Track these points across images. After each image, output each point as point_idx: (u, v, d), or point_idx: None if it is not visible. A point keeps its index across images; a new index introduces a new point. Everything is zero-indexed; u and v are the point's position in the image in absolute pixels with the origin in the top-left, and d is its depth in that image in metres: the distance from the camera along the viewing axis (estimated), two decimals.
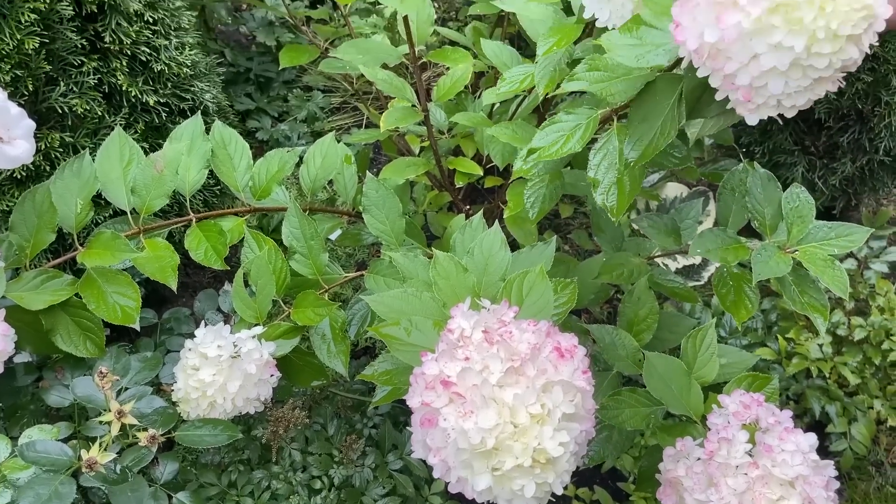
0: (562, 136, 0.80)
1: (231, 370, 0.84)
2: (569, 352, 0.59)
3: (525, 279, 0.73)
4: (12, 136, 0.77)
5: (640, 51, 0.67)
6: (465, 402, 0.56)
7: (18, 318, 0.81)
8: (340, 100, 2.01)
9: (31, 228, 0.85)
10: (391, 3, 0.93)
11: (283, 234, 0.97)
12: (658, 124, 0.71)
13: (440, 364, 0.59)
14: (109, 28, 1.02)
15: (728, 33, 0.54)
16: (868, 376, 1.24)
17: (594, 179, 0.79)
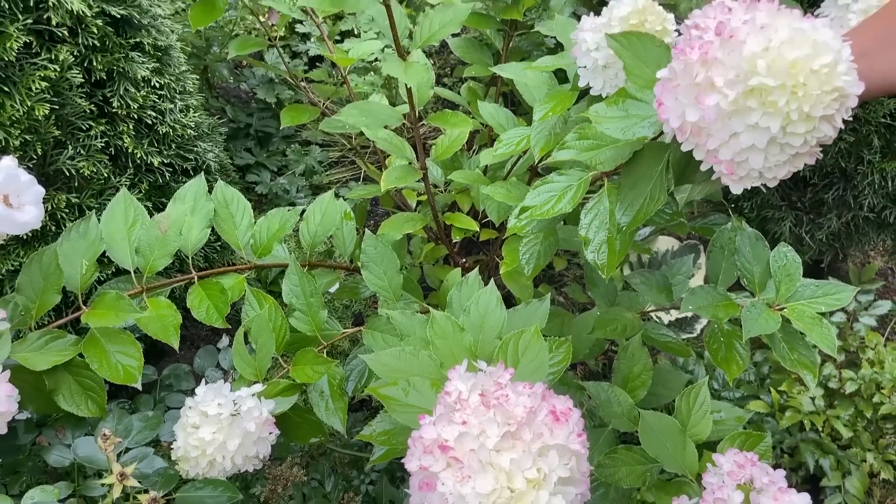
0: (553, 195, 0.83)
1: (231, 428, 0.85)
2: (564, 415, 0.61)
3: (521, 339, 0.75)
4: (22, 202, 0.79)
5: (626, 123, 0.70)
6: (462, 467, 0.57)
7: (22, 379, 0.82)
8: (338, 154, 2.05)
9: (37, 290, 0.87)
10: (397, 75, 0.97)
11: (284, 291, 1.00)
12: (647, 191, 0.74)
13: (438, 428, 0.60)
14: (118, 94, 1.05)
15: (708, 113, 0.57)
16: (860, 429, 1.25)
17: (585, 238, 0.81)
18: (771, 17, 0.57)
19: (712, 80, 0.57)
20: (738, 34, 0.56)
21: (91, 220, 0.91)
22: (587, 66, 0.86)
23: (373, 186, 1.49)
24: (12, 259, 1.05)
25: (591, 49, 0.84)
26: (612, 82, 0.85)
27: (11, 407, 0.79)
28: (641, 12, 0.84)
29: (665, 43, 0.71)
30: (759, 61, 0.55)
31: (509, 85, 1.63)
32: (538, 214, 0.82)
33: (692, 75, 0.58)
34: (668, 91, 0.60)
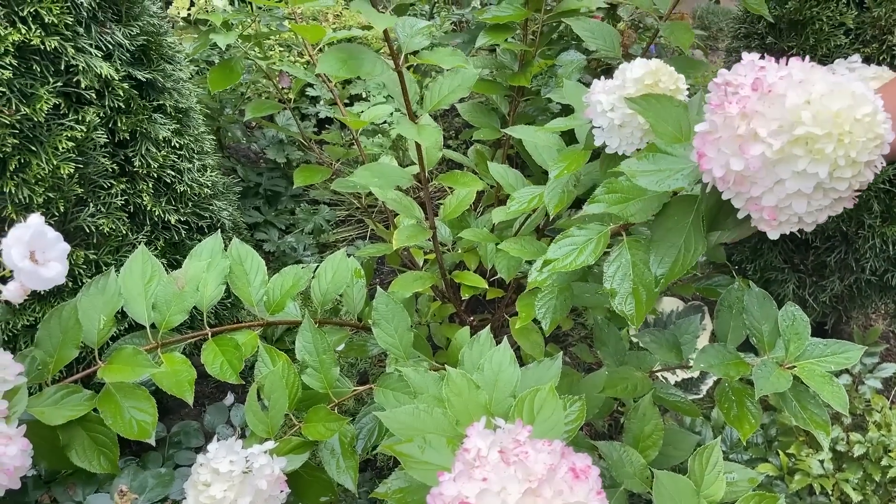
0: (575, 248, 0.85)
1: (242, 486, 0.84)
2: (584, 472, 0.61)
3: (536, 397, 0.76)
4: (47, 258, 0.81)
5: (658, 176, 0.73)
6: None
7: (35, 433, 0.82)
8: (345, 213, 2.08)
9: (55, 344, 0.88)
10: (410, 136, 1.01)
11: (297, 348, 1.00)
12: (681, 242, 0.77)
13: (458, 485, 0.61)
14: (139, 153, 1.08)
15: (752, 163, 0.61)
16: (869, 493, 1.24)
17: (611, 290, 0.84)
18: (805, 72, 0.61)
19: (755, 131, 0.60)
20: (777, 88, 0.60)
21: (110, 275, 0.93)
22: (603, 127, 0.89)
23: (382, 245, 1.51)
24: (28, 314, 1.06)
25: (607, 110, 0.87)
26: (628, 140, 0.88)
27: (26, 462, 0.79)
28: (655, 73, 0.87)
29: (682, 102, 0.75)
30: (804, 112, 0.58)
31: (515, 148, 1.68)
32: (561, 267, 0.84)
33: (734, 128, 0.61)
34: (709, 143, 0.64)
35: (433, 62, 1.02)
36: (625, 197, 0.80)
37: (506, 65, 1.48)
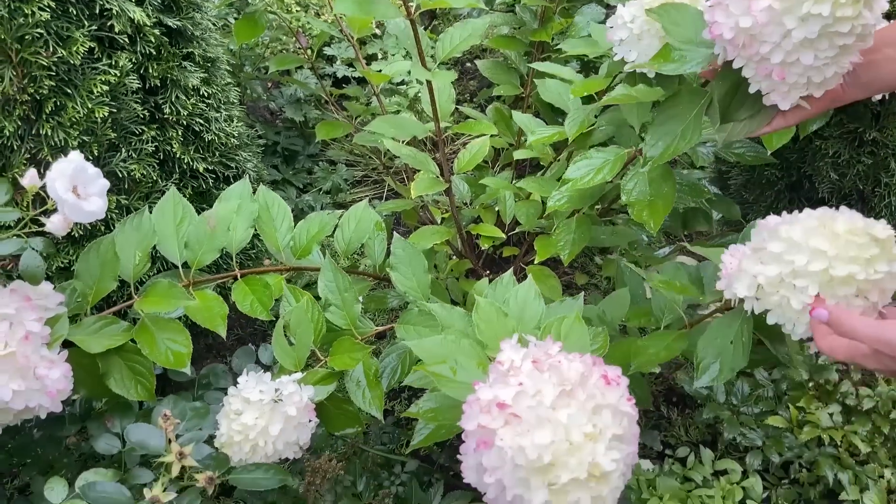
0: (592, 169, 0.89)
1: (273, 413, 0.87)
2: (615, 380, 0.63)
3: (562, 324, 0.78)
4: (88, 193, 0.83)
5: (675, 66, 0.76)
6: (521, 423, 0.59)
7: (75, 361, 0.85)
8: (362, 173, 2.11)
9: (94, 277, 0.91)
10: (422, 77, 1.02)
11: (319, 287, 1.03)
12: (678, 130, 0.80)
13: (494, 390, 0.63)
14: (169, 100, 1.11)
15: (760, 16, 0.63)
16: (878, 445, 1.27)
17: (630, 202, 0.88)
18: None
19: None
20: None
21: (144, 214, 0.96)
22: (623, 38, 0.91)
23: (400, 201, 1.54)
24: (62, 256, 1.09)
25: (628, 21, 0.89)
26: (647, 52, 0.89)
27: (68, 386, 0.82)
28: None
29: (698, 9, 0.77)
30: None
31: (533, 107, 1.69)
32: (580, 185, 0.87)
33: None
34: (719, 8, 0.67)
35: (445, 5, 1.03)
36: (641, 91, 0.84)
37: (525, 22, 1.49)
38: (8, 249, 0.86)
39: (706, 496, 1.24)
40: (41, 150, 1.01)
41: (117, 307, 0.94)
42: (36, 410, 0.80)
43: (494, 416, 0.60)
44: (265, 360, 1.10)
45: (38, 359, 0.79)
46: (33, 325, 0.79)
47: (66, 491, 0.80)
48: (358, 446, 1.22)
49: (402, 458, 1.29)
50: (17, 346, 0.76)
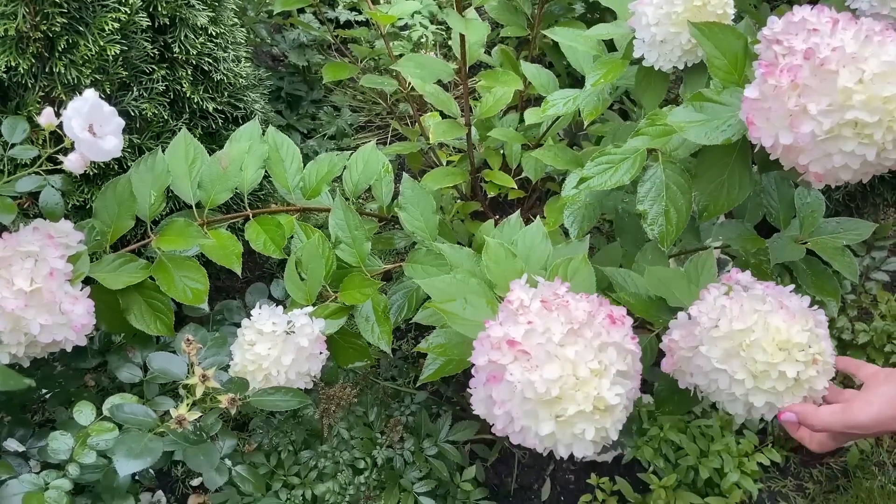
0: (610, 167, 0.87)
1: (285, 344, 0.90)
2: (620, 319, 0.67)
3: (569, 265, 0.81)
4: (104, 131, 0.85)
5: (707, 128, 0.74)
6: (530, 359, 0.63)
7: (97, 298, 0.88)
8: (366, 119, 2.11)
9: (111, 215, 0.93)
10: (457, 28, 1.02)
11: (330, 225, 1.05)
12: (724, 177, 0.79)
13: (505, 327, 0.66)
14: (178, 39, 1.11)
15: (802, 139, 0.62)
16: None
17: (643, 211, 0.87)
18: (858, 43, 0.60)
19: (806, 107, 0.61)
20: (829, 63, 0.60)
21: (158, 154, 0.97)
22: (644, 40, 0.90)
23: (407, 143, 1.55)
24: (77, 195, 1.11)
25: (651, 24, 0.88)
26: (667, 57, 0.90)
27: (91, 320, 0.85)
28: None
29: (743, 35, 0.75)
30: (856, 96, 0.59)
31: (537, 49, 1.68)
32: (596, 186, 0.87)
33: (784, 101, 0.62)
34: (759, 112, 0.65)
35: None
36: (668, 130, 0.81)
37: None
38: (28, 186, 0.88)
39: (704, 426, 1.29)
40: (55, 88, 1.02)
41: (135, 245, 0.96)
42: (62, 344, 0.84)
43: (505, 352, 0.63)
44: (277, 295, 1.13)
45: (63, 294, 0.82)
46: (57, 261, 0.82)
47: (94, 414, 0.84)
48: (370, 378, 1.26)
49: (411, 391, 1.33)
50: (42, 283, 0.79)
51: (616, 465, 1.41)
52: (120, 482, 0.92)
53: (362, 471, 1.14)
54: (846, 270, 0.88)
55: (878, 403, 0.63)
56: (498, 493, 1.41)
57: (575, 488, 1.43)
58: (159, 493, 1.37)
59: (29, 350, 0.83)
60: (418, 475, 1.17)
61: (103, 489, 0.98)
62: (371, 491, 1.17)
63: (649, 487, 1.32)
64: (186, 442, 0.80)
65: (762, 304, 0.67)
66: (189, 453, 0.81)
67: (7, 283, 0.78)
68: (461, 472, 1.24)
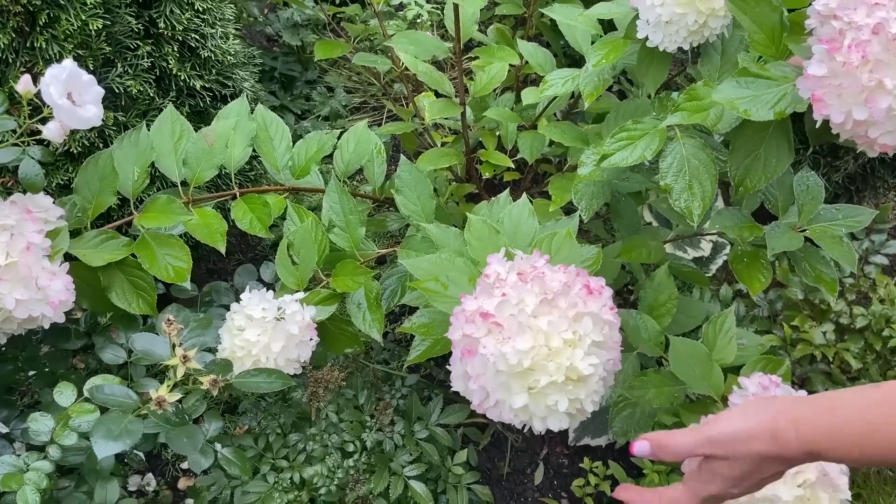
0: (630, 143, 0.86)
1: (275, 331, 0.88)
2: (597, 290, 0.65)
3: (553, 240, 0.79)
4: (83, 100, 0.83)
5: (756, 103, 0.73)
6: (502, 331, 0.61)
7: (78, 275, 0.85)
8: (361, 100, 2.08)
9: (93, 191, 0.91)
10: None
11: (324, 208, 1.03)
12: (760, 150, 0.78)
13: (479, 301, 0.65)
14: (164, 14, 1.09)
15: (877, 114, 0.61)
16: (869, 362, 1.30)
17: (667, 185, 0.86)
18: None
19: (881, 81, 0.59)
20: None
21: (142, 130, 0.95)
22: (649, 21, 0.88)
23: (401, 123, 1.52)
24: (61, 174, 1.09)
25: (656, 5, 0.85)
26: (672, 38, 0.87)
27: (70, 297, 0.83)
28: None
29: (779, 7, 0.73)
30: None
31: (533, 28, 1.66)
32: (617, 163, 0.85)
33: (856, 77, 0.60)
34: (828, 90, 0.63)
35: None
36: (705, 105, 0.80)
37: None
38: (6, 158, 0.86)
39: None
40: (36, 63, 1.00)
41: (118, 223, 0.94)
42: (39, 320, 0.81)
43: (478, 325, 0.61)
44: (267, 277, 1.11)
45: (40, 270, 0.80)
46: (34, 236, 0.80)
47: (75, 395, 0.82)
48: (360, 361, 1.24)
49: (402, 374, 1.32)
50: (18, 257, 0.77)
51: (609, 449, 1.40)
52: (103, 464, 0.91)
53: (351, 454, 1.13)
54: (844, 260, 0.86)
55: (744, 409, 0.56)
56: (490, 477, 1.40)
57: (568, 472, 1.42)
58: (149, 475, 1.36)
59: (4, 326, 0.81)
60: (409, 459, 1.16)
61: (87, 471, 0.97)
62: (360, 474, 1.16)
63: (643, 472, 1.31)
64: (168, 424, 0.78)
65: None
66: (171, 435, 0.80)
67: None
68: (452, 455, 1.23)
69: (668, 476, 1.28)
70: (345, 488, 1.16)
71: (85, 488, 0.99)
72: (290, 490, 1.14)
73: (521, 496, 1.39)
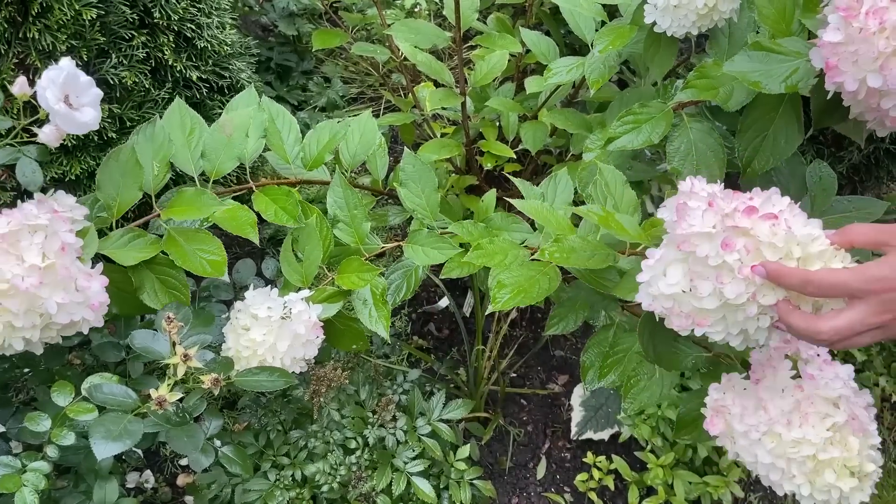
0: (636, 126, 0.85)
1: (281, 330, 0.86)
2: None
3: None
4: (81, 102, 0.79)
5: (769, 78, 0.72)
6: None
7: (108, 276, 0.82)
8: (358, 90, 2.06)
9: (116, 187, 0.86)
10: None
11: (328, 203, 1.00)
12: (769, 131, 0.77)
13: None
14: (159, 4, 1.06)
15: (893, 81, 0.60)
16: (874, 353, 1.29)
17: (675, 169, 0.84)
18: None
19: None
20: None
21: (157, 123, 0.91)
22: (657, 6, 0.87)
23: (400, 114, 1.50)
24: (56, 167, 1.07)
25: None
26: (681, 22, 0.86)
27: (107, 299, 0.77)
28: None
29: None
30: None
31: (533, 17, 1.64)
32: (624, 145, 0.84)
33: (872, 43, 0.59)
34: (843, 56, 0.62)
35: None
36: (715, 82, 0.80)
37: None
38: (2, 159, 0.83)
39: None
40: (29, 54, 0.97)
41: (145, 218, 0.89)
42: (80, 325, 0.75)
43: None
44: (268, 273, 1.09)
45: (77, 271, 0.74)
46: (68, 236, 0.74)
47: (72, 395, 0.80)
48: (361, 356, 1.22)
49: (404, 369, 1.30)
50: (55, 258, 0.71)
51: (613, 443, 1.39)
52: (101, 464, 0.90)
53: (353, 451, 1.12)
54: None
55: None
56: (493, 472, 1.39)
57: (571, 467, 1.41)
58: (147, 472, 1.35)
59: (44, 334, 0.74)
60: (411, 455, 1.14)
61: (85, 471, 0.95)
62: (363, 471, 1.14)
63: (647, 466, 1.30)
64: (168, 423, 0.76)
65: (834, 408, 0.63)
66: (172, 435, 0.78)
67: (17, 259, 0.70)
68: (455, 451, 1.22)
69: (673, 470, 1.27)
70: (347, 485, 1.15)
71: (83, 487, 0.97)
72: (291, 488, 1.13)
73: (523, 491, 1.38)
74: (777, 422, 0.63)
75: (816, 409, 0.62)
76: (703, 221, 0.57)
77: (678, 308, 0.60)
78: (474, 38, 1.17)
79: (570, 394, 1.48)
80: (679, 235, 0.58)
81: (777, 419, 0.63)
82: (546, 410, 1.49)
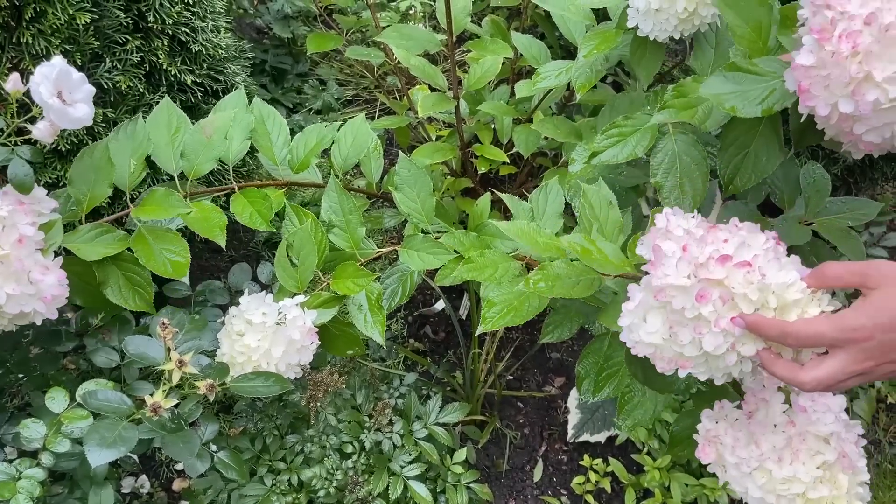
0: (620, 139, 0.84)
1: (276, 336, 0.86)
2: None
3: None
4: (74, 99, 0.80)
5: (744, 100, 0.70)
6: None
7: (71, 271, 0.82)
8: (353, 93, 2.05)
9: (88, 183, 0.87)
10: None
11: (323, 208, 1.00)
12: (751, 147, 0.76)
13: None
14: (153, 8, 1.06)
15: (864, 107, 0.58)
16: None
17: (657, 183, 0.84)
18: None
19: (870, 73, 0.57)
20: (894, 29, 0.56)
21: (138, 121, 0.91)
22: (638, 9, 0.87)
23: (395, 118, 1.50)
24: (49, 172, 1.06)
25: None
26: (662, 26, 0.86)
27: (63, 292, 0.79)
28: None
29: (767, 2, 0.71)
30: None
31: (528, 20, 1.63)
32: (608, 160, 0.83)
33: (844, 68, 0.58)
34: (815, 80, 0.61)
35: None
36: (694, 102, 0.78)
37: None
38: None
39: None
40: (23, 59, 0.97)
41: (114, 216, 0.90)
42: (31, 317, 0.78)
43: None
44: (263, 278, 1.09)
45: (33, 263, 0.76)
46: (27, 228, 0.76)
47: (67, 401, 0.80)
48: (357, 360, 1.22)
49: (400, 373, 1.30)
50: (10, 250, 0.74)
51: (609, 445, 1.39)
52: (97, 470, 0.89)
53: (350, 455, 1.11)
54: (852, 252, 0.85)
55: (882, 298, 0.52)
56: (489, 475, 1.39)
57: (567, 469, 1.41)
58: (143, 477, 1.34)
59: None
60: (408, 459, 1.14)
61: (81, 477, 0.94)
62: (359, 475, 1.14)
63: (643, 468, 1.30)
64: (163, 430, 0.76)
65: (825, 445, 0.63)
66: (167, 441, 0.78)
67: None
68: (452, 454, 1.22)
69: (669, 472, 1.27)
70: (344, 490, 1.14)
71: (78, 493, 0.97)
72: (288, 492, 1.13)
73: (520, 494, 1.38)
74: (768, 458, 0.63)
75: (808, 447, 0.62)
76: (676, 271, 0.57)
77: (660, 353, 0.60)
78: (467, 43, 1.17)
79: (567, 396, 1.48)
80: (655, 287, 0.58)
81: (768, 455, 0.63)
82: (542, 413, 1.49)
